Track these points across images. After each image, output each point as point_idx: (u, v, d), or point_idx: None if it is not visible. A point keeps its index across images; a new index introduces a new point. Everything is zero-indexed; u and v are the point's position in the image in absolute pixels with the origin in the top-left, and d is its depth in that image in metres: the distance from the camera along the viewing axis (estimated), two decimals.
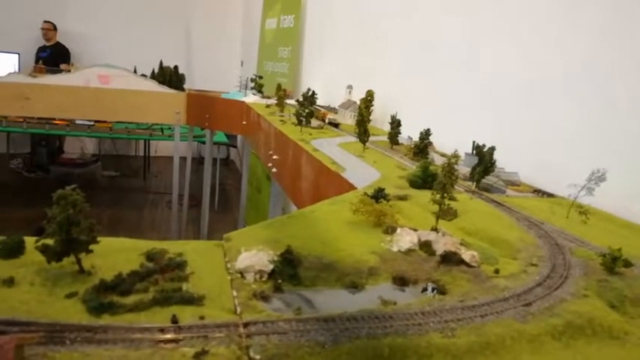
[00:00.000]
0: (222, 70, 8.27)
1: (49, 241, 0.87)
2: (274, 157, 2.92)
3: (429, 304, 0.91)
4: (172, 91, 4.28)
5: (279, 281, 0.94)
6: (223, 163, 7.80)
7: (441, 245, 1.12)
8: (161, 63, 4.39)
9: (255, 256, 1.00)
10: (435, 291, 0.95)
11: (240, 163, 8.49)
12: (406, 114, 2.51)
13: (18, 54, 7.22)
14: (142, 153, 7.91)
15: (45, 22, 7.69)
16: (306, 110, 2.80)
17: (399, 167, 2.05)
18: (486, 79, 2.42)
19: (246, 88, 4.39)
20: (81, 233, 0.87)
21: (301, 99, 3.60)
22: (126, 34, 8.23)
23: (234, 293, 0.90)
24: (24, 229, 0.97)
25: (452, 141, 2.45)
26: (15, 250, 0.92)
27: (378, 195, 1.41)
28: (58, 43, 7.77)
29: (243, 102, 4.06)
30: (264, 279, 0.96)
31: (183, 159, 4.72)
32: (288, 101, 3.86)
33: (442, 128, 2.40)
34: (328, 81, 4.21)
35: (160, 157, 8.30)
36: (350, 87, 3.43)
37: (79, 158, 7.18)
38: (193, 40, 8.80)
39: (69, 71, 4.53)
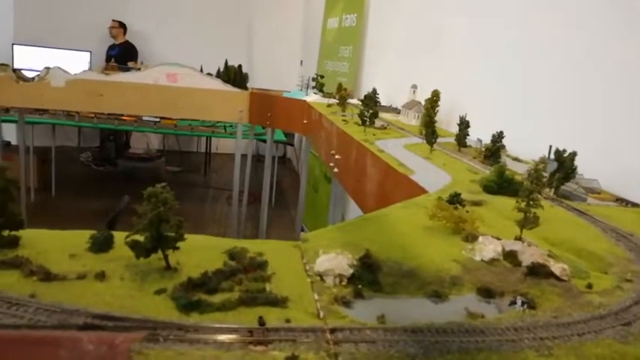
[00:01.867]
0: (281, 69, 8.38)
1: (139, 237, 0.89)
2: (336, 156, 2.91)
3: (521, 318, 0.86)
4: (236, 89, 4.35)
5: (360, 286, 0.92)
6: (280, 161, 7.88)
7: (527, 256, 1.07)
8: (226, 62, 4.48)
9: (334, 259, 0.99)
10: (525, 305, 0.90)
11: (296, 161, 8.56)
12: (472, 115, 2.43)
13: (90, 52, 7.60)
14: (203, 149, 8.15)
15: (113, 21, 8.05)
16: (370, 110, 2.76)
17: (470, 171, 1.98)
18: (561, 80, 2.30)
19: (307, 88, 4.41)
20: (169, 230, 0.88)
21: (363, 98, 3.58)
22: (191, 33, 8.49)
23: (316, 296, 0.89)
24: (93, 219, 1.00)
25: (523, 145, 2.35)
26: (105, 245, 0.95)
27: (454, 200, 1.36)
28: (126, 42, 8.11)
29: (304, 101, 4.08)
30: (343, 283, 0.94)
31: (243, 156, 4.80)
32: (350, 101, 3.84)
33: (513, 131, 2.30)
34: (390, 80, 4.16)
35: (220, 154, 8.50)
36: (414, 87, 3.37)
37: (145, 153, 7.47)
38: (254, 40, 8.95)
39: (138, 69, 4.70)
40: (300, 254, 1.08)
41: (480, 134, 2.42)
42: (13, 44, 7.55)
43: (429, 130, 2.21)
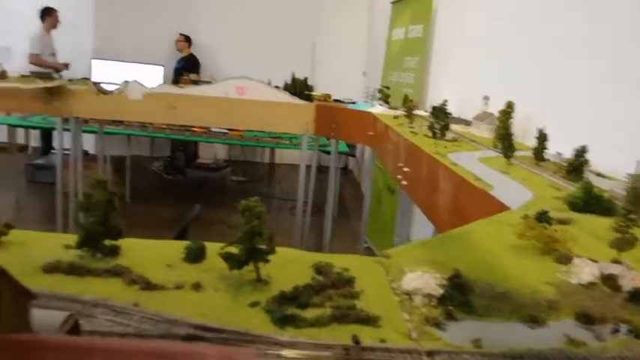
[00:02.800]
0: (344, 81, 8.41)
1: (233, 249, 0.92)
2: (405, 169, 2.87)
3: (627, 348, 0.81)
4: (302, 102, 4.41)
5: (450, 307, 0.90)
6: (342, 172, 7.90)
7: (627, 281, 1.00)
8: (293, 75, 4.57)
9: (421, 278, 0.97)
10: (632, 334, 0.84)
11: (358, 172, 8.55)
12: (548, 128, 2.33)
13: (162, 66, 7.97)
14: (267, 160, 8.32)
15: (179, 34, 8.41)
16: (441, 122, 2.72)
17: (552, 186, 1.89)
18: None
19: (372, 99, 4.40)
20: (262, 243, 0.90)
21: (430, 110, 3.52)
22: (256, 47, 8.72)
23: (406, 316, 0.87)
24: (165, 226, 1.02)
25: (607, 160, 2.23)
26: (198, 256, 0.98)
27: (541, 218, 1.31)
28: (191, 55, 8.45)
29: (370, 113, 4.07)
30: (433, 303, 0.92)
31: (306, 167, 4.85)
32: (416, 112, 3.79)
33: (592, 144, 2.18)
34: (458, 91, 4.07)
35: (283, 165, 8.64)
36: (486, 98, 3.28)
37: (212, 163, 7.72)
38: (318, 52, 9.07)
39: (208, 82, 4.88)
40: (383, 270, 1.07)
41: (556, 147, 2.31)
42: (92, 59, 8.05)
43: (506, 143, 2.14)
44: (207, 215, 4.48)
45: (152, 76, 7.40)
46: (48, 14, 7.51)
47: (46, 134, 7.48)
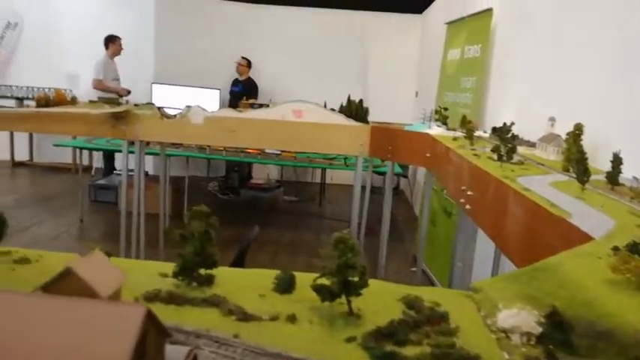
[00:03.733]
0: (396, 102, 8.43)
1: (325, 281, 0.92)
2: (468, 192, 2.81)
3: None
4: (358, 123, 4.43)
5: (551, 347, 0.86)
6: (393, 192, 7.83)
7: None
8: (349, 97, 4.60)
9: (518, 315, 0.94)
10: None
11: (410, 193, 8.46)
12: (620, 150, 2.22)
13: (219, 90, 8.23)
14: (318, 180, 8.38)
15: (242, 58, 8.65)
16: (508, 145, 2.65)
17: (634, 214, 1.80)
18: None
19: (430, 120, 4.36)
20: (355, 276, 0.90)
21: (491, 131, 3.45)
22: (311, 69, 8.91)
23: (506, 356, 0.84)
24: (221, 245, 1.02)
25: None
26: (288, 286, 0.99)
27: (633, 250, 1.24)
28: (249, 79, 8.67)
29: (427, 134, 4.03)
30: (532, 342, 0.89)
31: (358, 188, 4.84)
32: (476, 133, 3.72)
33: None
34: (520, 112, 3.98)
35: (334, 185, 8.67)
36: (552, 119, 3.18)
37: (265, 183, 7.85)
38: (370, 73, 9.12)
39: (266, 105, 4.99)
40: (474, 305, 1.04)
41: (630, 171, 2.21)
42: (152, 83, 8.41)
43: (581, 167, 2.06)
44: (259, 235, 4.54)
45: (209, 100, 7.65)
46: (111, 42, 7.94)
47: (109, 156, 7.84)
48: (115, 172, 7.81)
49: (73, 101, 4.80)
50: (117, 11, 8.88)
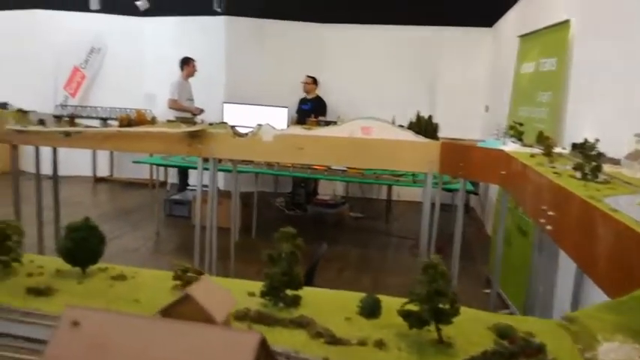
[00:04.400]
0: (465, 117, 8.25)
1: (413, 307, 0.90)
2: (549, 212, 2.68)
3: None
4: (427, 140, 4.37)
5: None
6: (464, 210, 7.63)
7: None
8: (418, 114, 4.55)
9: (621, 349, 0.87)
10: None
11: (481, 211, 8.20)
12: None
13: (287, 108, 8.40)
14: (384, 196, 8.32)
15: (307, 76, 8.81)
16: (593, 163, 2.51)
17: None
18: None
19: (504, 136, 4.22)
20: (445, 304, 0.88)
21: (570, 148, 3.28)
22: (378, 86, 8.93)
23: None
24: None
25: None
26: (374, 310, 0.98)
27: None
28: (317, 97, 8.80)
29: (502, 151, 3.89)
30: None
31: (421, 204, 4.76)
32: (556, 150, 3.55)
33: None
34: (602, 127, 3.76)
35: (401, 202, 8.57)
36: (639, 135, 2.98)
37: (331, 199, 7.88)
38: (438, 88, 9.01)
39: (334, 123, 5.03)
40: (569, 336, 0.98)
41: None
42: (223, 103, 8.73)
43: None
44: (326, 251, 4.55)
45: (277, 118, 7.82)
46: (186, 64, 8.35)
47: (183, 172, 8.19)
48: (188, 187, 8.15)
49: (153, 121, 5.07)
50: (191, 35, 9.35)
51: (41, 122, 4.95)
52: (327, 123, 5.92)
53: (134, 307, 1.00)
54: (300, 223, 7.59)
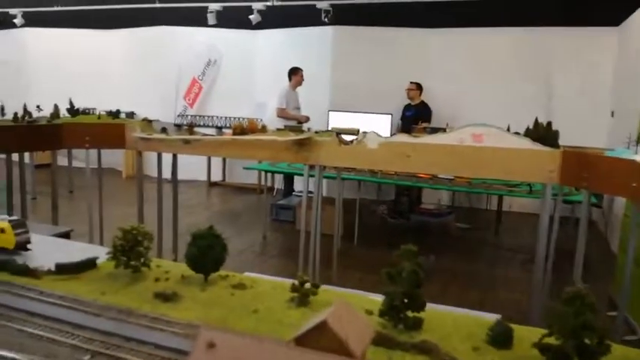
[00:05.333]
0: (587, 123, 7.60)
1: (554, 341, 0.81)
2: None
3: None
4: (546, 148, 4.05)
5: None
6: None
7: None
8: (536, 119, 4.25)
9: None
10: None
11: (604, 226, 7.47)
12: None
13: (391, 115, 8.32)
14: (494, 207, 7.90)
15: (410, 82, 8.65)
16: None
17: None
18: None
19: (635, 145, 3.80)
20: (593, 339, 0.77)
21: None
22: (488, 91, 8.53)
23: None
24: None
25: None
26: (505, 340, 0.89)
27: None
28: (422, 103, 8.61)
29: (634, 161, 3.50)
30: None
31: (535, 216, 4.41)
32: None
33: None
34: None
35: (513, 213, 8.09)
36: None
37: (436, 209, 7.65)
38: (557, 92, 8.40)
39: (442, 130, 4.86)
40: None
41: None
42: (329, 110, 8.86)
43: None
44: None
45: (381, 125, 7.77)
46: (294, 73, 8.60)
47: (289, 178, 8.43)
48: (293, 193, 8.37)
49: (263, 129, 5.26)
50: (299, 46, 9.64)
51: (164, 130, 5.35)
52: (435, 130, 5.75)
53: (252, 318, 1.00)
54: (403, 233, 7.46)
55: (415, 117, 8.19)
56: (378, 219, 8.09)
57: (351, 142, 4.70)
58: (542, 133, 4.17)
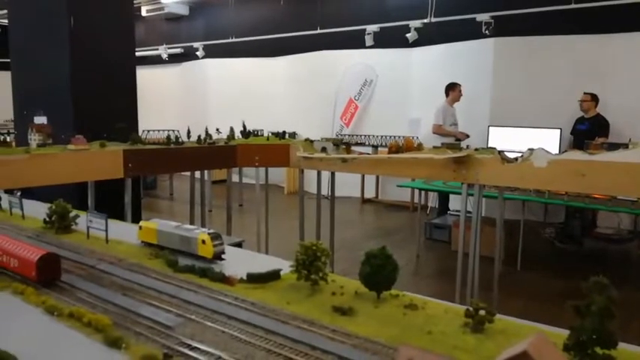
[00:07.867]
0: None
1: None
2: None
3: None
4: None
5: None
6: None
7: None
8: None
9: None
10: None
11: None
12: None
13: (560, 129, 7.66)
14: None
15: (585, 94, 7.86)
16: None
17: None
18: None
19: None
20: None
21: None
22: None
23: None
24: (557, 300, 0.83)
25: None
26: None
27: None
28: (597, 115, 7.77)
29: None
30: None
31: None
32: None
33: None
34: None
35: None
36: None
37: (615, 234, 6.82)
38: None
39: (626, 146, 4.35)
40: None
41: None
42: (489, 126, 8.48)
43: None
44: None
45: (548, 140, 7.21)
46: (452, 89, 8.43)
47: (444, 197, 8.24)
48: (448, 212, 8.15)
49: (419, 147, 5.25)
50: (457, 60, 9.43)
51: (323, 150, 5.65)
52: (615, 146, 5.16)
53: (427, 339, 1.03)
54: (575, 259, 6.78)
55: (590, 131, 7.41)
56: (545, 243, 7.47)
57: (515, 159, 4.45)
58: None
